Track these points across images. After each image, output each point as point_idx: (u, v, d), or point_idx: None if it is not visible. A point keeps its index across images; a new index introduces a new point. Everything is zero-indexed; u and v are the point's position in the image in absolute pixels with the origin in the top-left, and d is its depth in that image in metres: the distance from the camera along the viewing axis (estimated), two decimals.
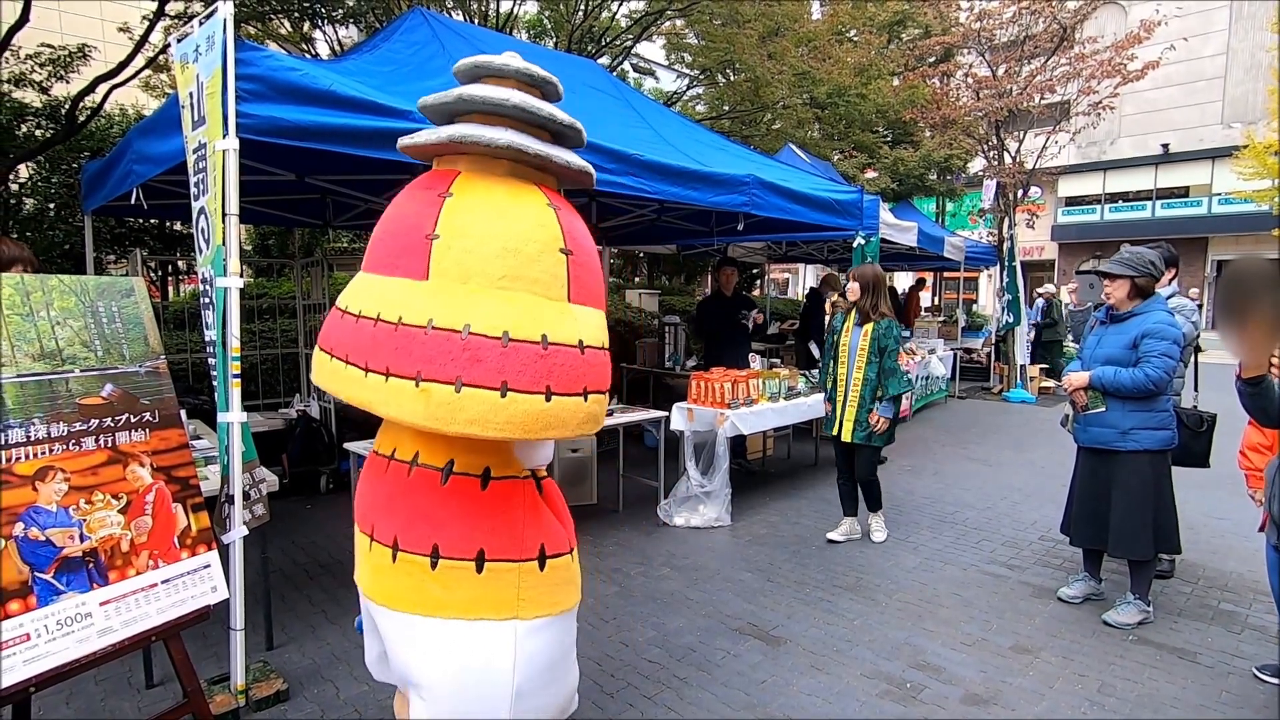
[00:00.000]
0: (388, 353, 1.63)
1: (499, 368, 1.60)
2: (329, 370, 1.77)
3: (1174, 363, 3.06)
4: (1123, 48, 10.39)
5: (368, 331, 1.68)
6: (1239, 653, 3.02)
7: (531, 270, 1.73)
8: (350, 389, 1.71)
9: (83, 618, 1.90)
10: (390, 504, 1.87)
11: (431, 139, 1.83)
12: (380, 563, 1.84)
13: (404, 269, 1.73)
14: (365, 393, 1.67)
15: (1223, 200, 21.95)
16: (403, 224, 1.80)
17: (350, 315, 1.75)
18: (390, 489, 1.88)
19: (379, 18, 8.10)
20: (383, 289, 1.74)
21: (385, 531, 1.84)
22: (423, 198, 1.82)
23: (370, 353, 1.66)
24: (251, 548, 2.68)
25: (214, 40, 2.43)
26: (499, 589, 1.81)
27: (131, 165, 3.54)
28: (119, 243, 7.58)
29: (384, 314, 1.67)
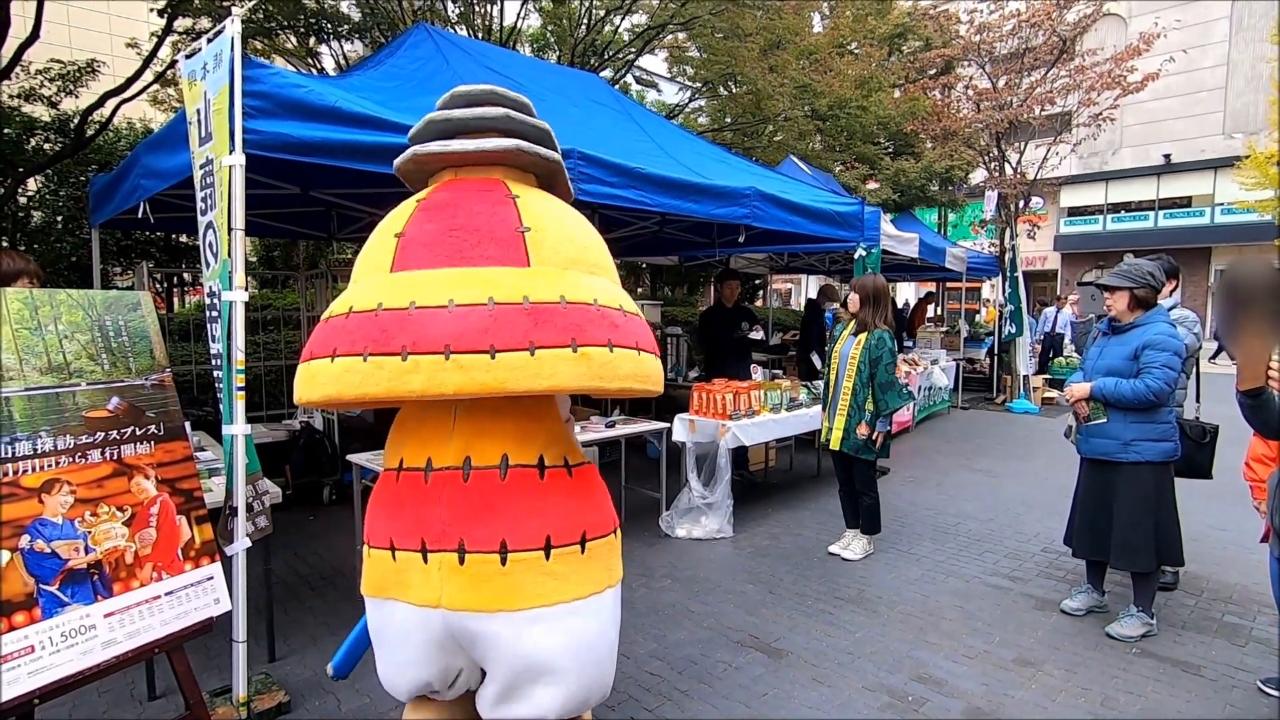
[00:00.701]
0: (525, 329, 1.68)
1: (631, 333, 1.82)
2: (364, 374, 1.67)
3: (1175, 374, 3.06)
4: (1122, 60, 10.45)
5: (481, 315, 1.68)
6: (1243, 665, 3.01)
7: (605, 260, 2.02)
8: (457, 379, 1.65)
9: (87, 630, 1.91)
10: (486, 511, 1.87)
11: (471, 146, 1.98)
12: (483, 571, 1.85)
13: (497, 259, 1.82)
14: (496, 374, 1.66)
15: (1225, 210, 21.94)
16: (479, 220, 1.88)
17: (420, 308, 1.70)
18: (477, 497, 1.88)
19: (384, 33, 8.19)
20: (479, 276, 1.76)
21: (486, 540, 1.85)
22: (488, 198, 1.95)
23: (496, 334, 1.67)
24: (254, 559, 2.69)
25: (221, 58, 2.47)
26: (599, 563, 1.98)
27: (139, 180, 3.58)
28: (126, 255, 7.65)
29: (499, 297, 1.71)
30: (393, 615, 1.95)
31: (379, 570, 1.96)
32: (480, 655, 1.92)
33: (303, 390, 1.77)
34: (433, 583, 1.87)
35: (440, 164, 2.06)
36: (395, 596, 1.93)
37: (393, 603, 1.94)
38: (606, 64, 10.78)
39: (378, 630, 2.05)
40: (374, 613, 2.05)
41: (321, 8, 7.90)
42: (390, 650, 2.02)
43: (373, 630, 2.09)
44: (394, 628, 1.96)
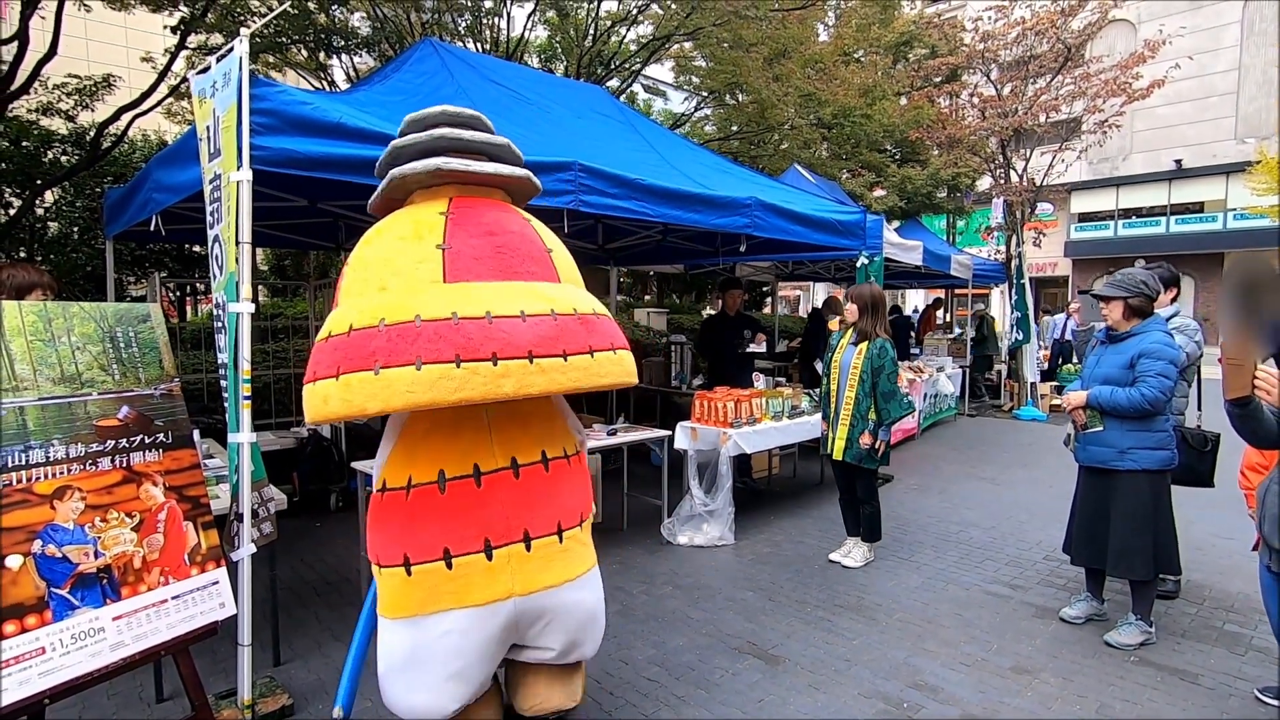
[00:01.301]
0: (584, 337, 1.98)
1: (623, 337, 2.18)
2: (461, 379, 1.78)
3: (1170, 383, 3.08)
4: (1127, 66, 10.44)
5: (548, 325, 1.92)
6: (1241, 674, 3.00)
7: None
8: (541, 381, 1.87)
9: (96, 632, 1.97)
10: (546, 500, 2.16)
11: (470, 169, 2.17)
12: (548, 551, 2.14)
13: (539, 275, 2.09)
14: (570, 374, 1.92)
15: (1238, 216, 21.77)
16: (518, 240, 2.12)
17: (498, 318, 1.86)
18: (533, 489, 2.14)
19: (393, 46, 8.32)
20: (534, 290, 2.00)
21: (545, 524, 2.14)
22: (513, 219, 2.20)
23: (565, 341, 1.93)
24: (260, 565, 2.76)
25: (230, 76, 2.55)
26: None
27: (151, 193, 3.68)
28: (139, 265, 7.79)
29: (558, 309, 1.98)
30: (443, 625, 2.01)
31: (427, 584, 2.01)
32: (542, 627, 2.18)
33: (375, 401, 1.76)
34: (501, 577, 2.05)
35: (457, 180, 2.21)
36: (450, 606, 2.01)
37: (443, 614, 2.01)
38: (613, 74, 10.89)
39: (416, 651, 2.04)
40: (410, 633, 2.04)
41: (331, 23, 8.04)
42: (437, 665, 2.03)
43: (406, 653, 2.06)
44: (441, 638, 2.01)
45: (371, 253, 2.09)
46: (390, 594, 2.08)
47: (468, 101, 4.12)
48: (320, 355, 1.88)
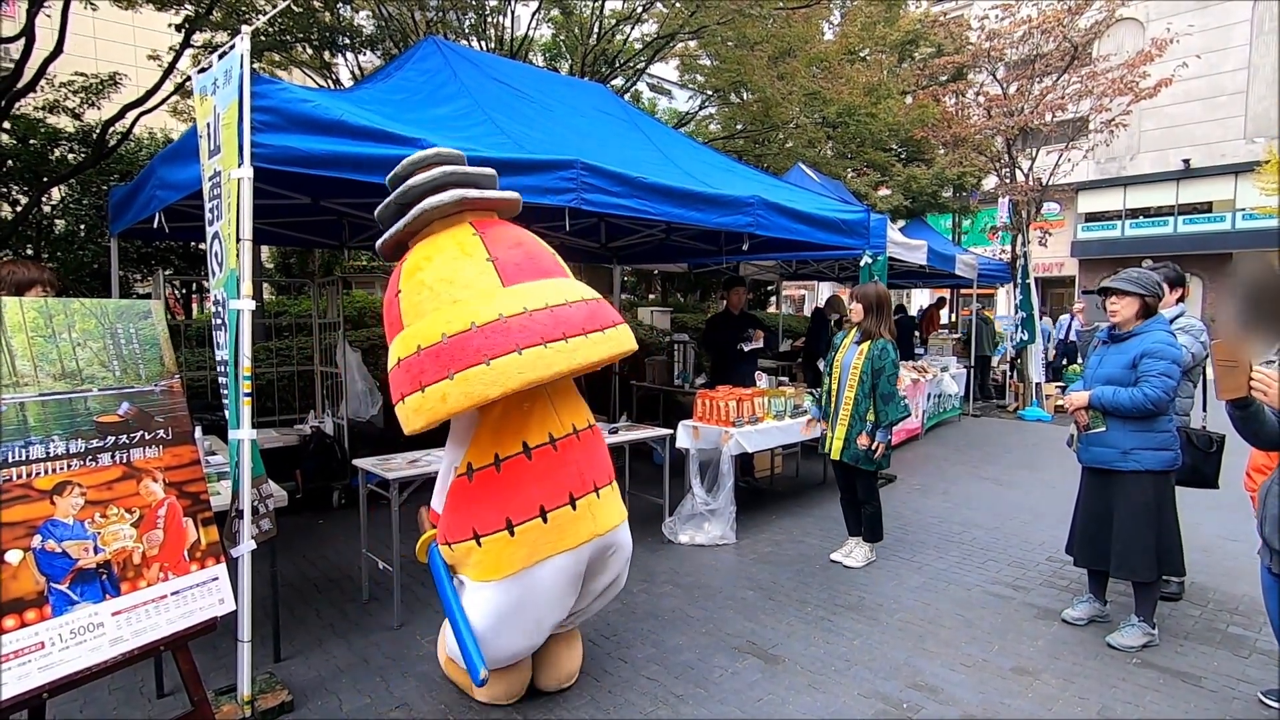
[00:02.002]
0: (604, 316, 2.51)
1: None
2: (551, 356, 2.27)
3: (1173, 383, 3.05)
4: (1135, 65, 10.37)
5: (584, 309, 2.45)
6: (1245, 677, 2.98)
7: None
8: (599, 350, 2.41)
9: (95, 627, 1.98)
10: (599, 457, 2.72)
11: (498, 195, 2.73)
12: (611, 497, 2.71)
13: (560, 273, 2.62)
14: (607, 344, 2.45)
15: (1246, 216, 21.60)
16: (538, 247, 2.66)
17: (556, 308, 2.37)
18: (589, 450, 2.66)
19: (397, 45, 8.33)
20: (564, 285, 2.52)
21: (604, 476, 2.70)
22: (519, 231, 2.69)
23: (600, 319, 2.47)
24: (261, 561, 2.76)
25: (231, 74, 2.56)
26: None
27: (155, 191, 3.69)
28: (145, 262, 7.82)
29: (585, 296, 2.54)
30: (547, 570, 2.47)
31: (529, 541, 2.44)
32: (609, 558, 2.72)
33: (495, 386, 2.19)
34: (584, 521, 2.55)
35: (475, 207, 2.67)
36: (549, 555, 2.46)
37: (544, 563, 2.46)
38: (617, 72, 10.88)
39: (524, 599, 2.48)
40: (512, 589, 2.45)
41: (336, 21, 8.05)
42: (534, 609, 2.51)
43: (507, 608, 2.47)
44: (544, 583, 2.49)
45: (430, 276, 2.43)
46: (493, 558, 2.44)
47: (470, 100, 4.13)
48: (419, 365, 2.25)
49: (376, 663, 3.08)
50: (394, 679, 2.95)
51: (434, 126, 3.48)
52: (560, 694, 2.84)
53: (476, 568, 2.48)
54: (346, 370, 5.77)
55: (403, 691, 2.86)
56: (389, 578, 3.52)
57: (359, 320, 8.15)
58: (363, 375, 5.98)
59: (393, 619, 3.44)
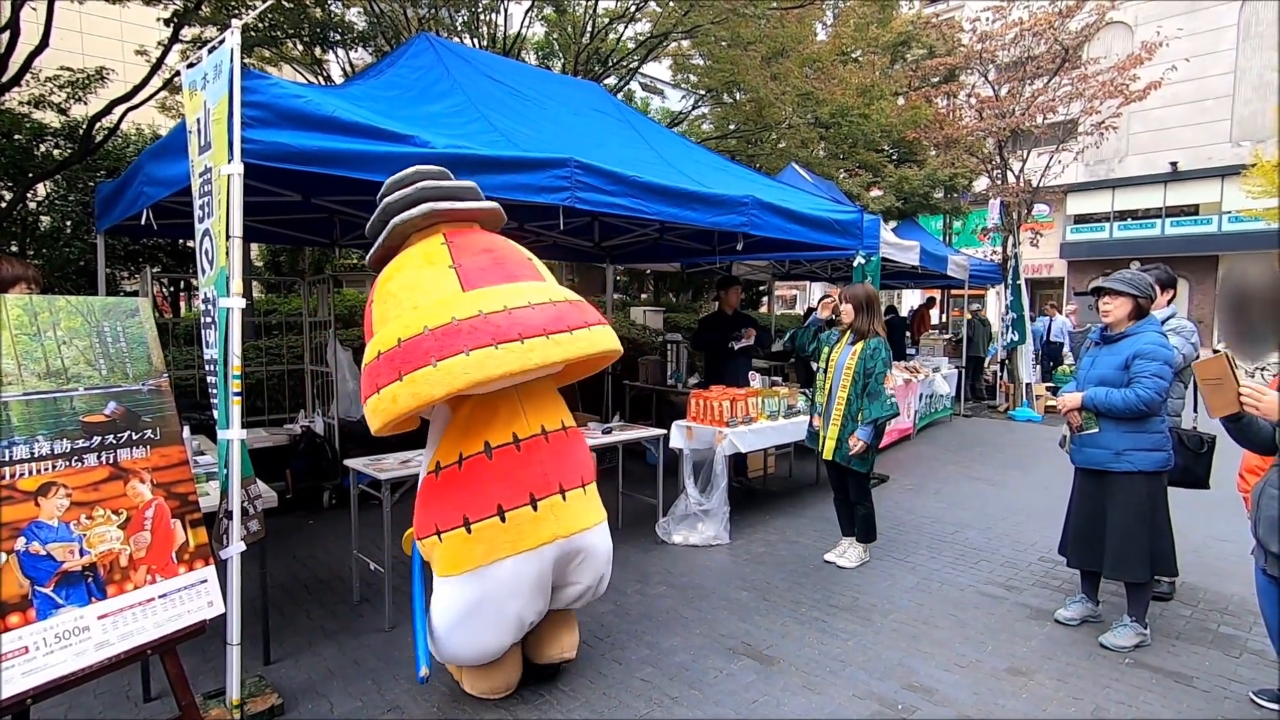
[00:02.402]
0: (578, 316, 2.55)
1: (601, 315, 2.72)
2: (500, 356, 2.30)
3: (1165, 383, 3.06)
4: (1124, 68, 10.44)
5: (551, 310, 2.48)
6: (1236, 677, 3.00)
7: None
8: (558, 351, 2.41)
9: (80, 631, 1.94)
10: (569, 459, 2.68)
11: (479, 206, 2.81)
12: (579, 499, 2.68)
13: (529, 277, 2.64)
14: (577, 344, 2.47)
15: (1233, 219, 21.83)
16: (509, 251, 2.71)
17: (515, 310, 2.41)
18: (560, 451, 2.65)
19: (389, 41, 8.27)
20: (533, 288, 2.55)
21: (574, 479, 2.67)
22: (493, 239, 2.77)
23: (569, 319, 2.50)
24: (250, 562, 2.73)
25: (221, 68, 2.52)
26: None
27: (142, 187, 3.63)
28: (133, 259, 7.73)
29: (554, 297, 2.56)
30: (502, 571, 2.49)
31: (487, 539, 2.47)
32: (579, 563, 2.71)
33: (441, 386, 2.26)
34: (546, 523, 2.54)
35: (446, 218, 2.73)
36: (507, 554, 2.48)
37: (501, 562, 2.48)
38: (610, 71, 10.85)
39: (484, 597, 2.50)
40: (475, 584, 2.49)
41: (327, 17, 7.99)
42: (499, 607, 2.52)
43: (476, 601, 2.51)
44: (504, 582, 2.50)
45: (395, 285, 2.54)
46: (452, 554, 2.49)
47: (464, 97, 4.10)
48: (376, 369, 2.35)
49: (368, 665, 3.05)
50: (386, 681, 2.92)
51: (427, 123, 3.45)
52: (553, 695, 2.82)
53: (439, 562, 2.56)
54: (337, 369, 5.73)
55: (394, 694, 2.83)
56: (380, 579, 3.48)
57: (350, 319, 8.09)
58: (354, 374, 5.93)
59: (384, 621, 3.40)
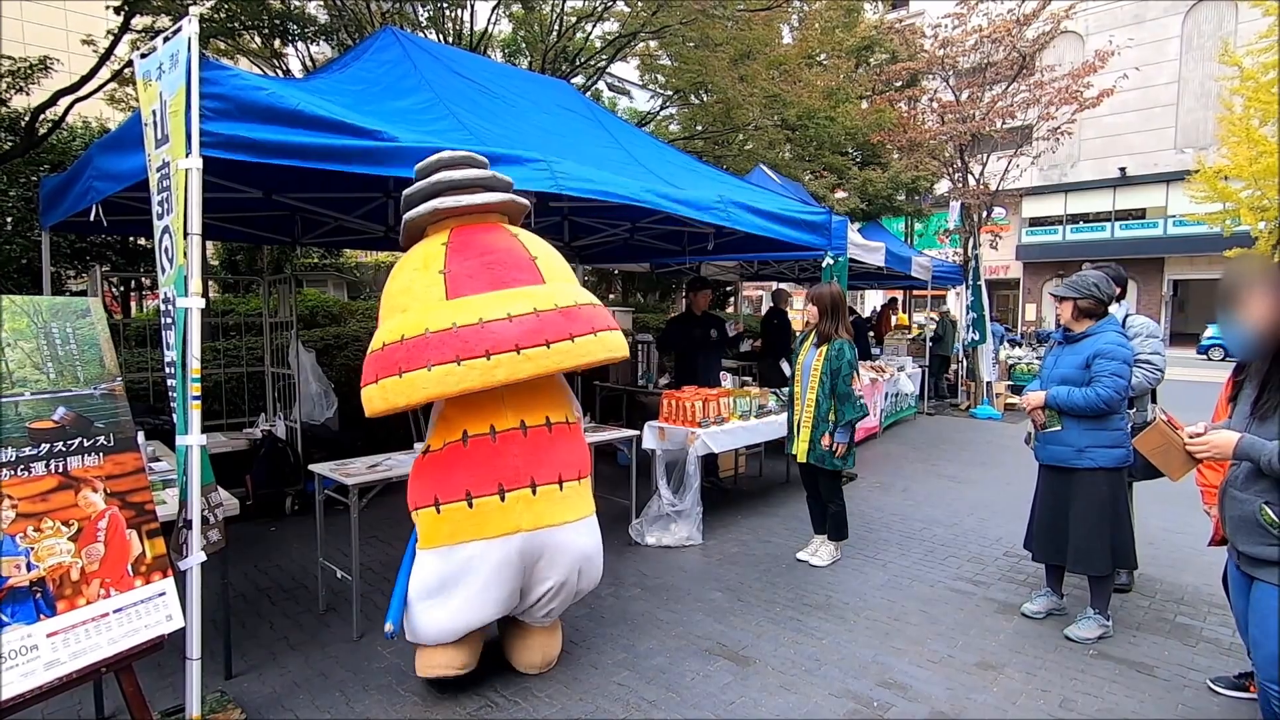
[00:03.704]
0: (565, 326, 2.51)
1: (608, 318, 2.73)
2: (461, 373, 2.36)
3: (1124, 382, 3.15)
4: (1079, 76, 10.78)
5: (532, 322, 2.46)
6: (1194, 665, 3.10)
7: (570, 268, 2.90)
8: (528, 366, 2.42)
9: (28, 650, 1.84)
10: (548, 455, 2.68)
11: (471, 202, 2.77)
12: (551, 496, 2.67)
13: (525, 280, 2.61)
14: (553, 357, 2.46)
15: (1178, 222, 22.75)
16: (506, 255, 2.66)
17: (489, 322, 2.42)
18: (538, 447, 2.66)
19: (351, 35, 8.08)
20: (521, 295, 2.53)
21: (549, 475, 2.67)
22: (501, 237, 2.73)
23: (548, 332, 2.47)
24: (211, 572, 2.62)
25: (178, 58, 2.41)
26: (590, 488, 2.94)
27: (92, 181, 3.47)
28: (80, 258, 7.41)
29: (540, 307, 2.51)
30: (465, 553, 2.56)
31: (450, 521, 2.58)
32: (548, 560, 2.69)
33: (403, 396, 2.39)
34: (511, 515, 2.58)
35: (453, 214, 2.75)
36: (470, 537, 2.56)
37: (464, 544, 2.56)
38: (578, 70, 10.78)
39: (447, 575, 2.60)
40: (442, 561, 2.60)
41: (287, 9, 7.77)
42: (462, 587, 2.59)
43: (432, 577, 2.61)
44: (466, 562, 2.57)
45: (395, 285, 2.68)
46: (424, 529, 2.63)
47: (431, 94, 4.01)
48: (367, 365, 2.54)
49: (335, 676, 2.96)
50: (354, 693, 2.83)
51: (394, 119, 3.36)
52: (529, 701, 2.77)
53: (419, 534, 2.70)
54: (300, 371, 5.56)
55: (363, 706, 2.74)
56: (347, 587, 3.38)
57: (311, 320, 7.89)
58: (317, 377, 5.77)
59: (352, 630, 3.31)
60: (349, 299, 12.65)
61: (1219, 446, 2.13)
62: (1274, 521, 1.99)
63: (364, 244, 7.07)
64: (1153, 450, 2.40)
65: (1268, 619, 2.03)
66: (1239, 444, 2.06)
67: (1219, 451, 2.14)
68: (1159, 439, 2.37)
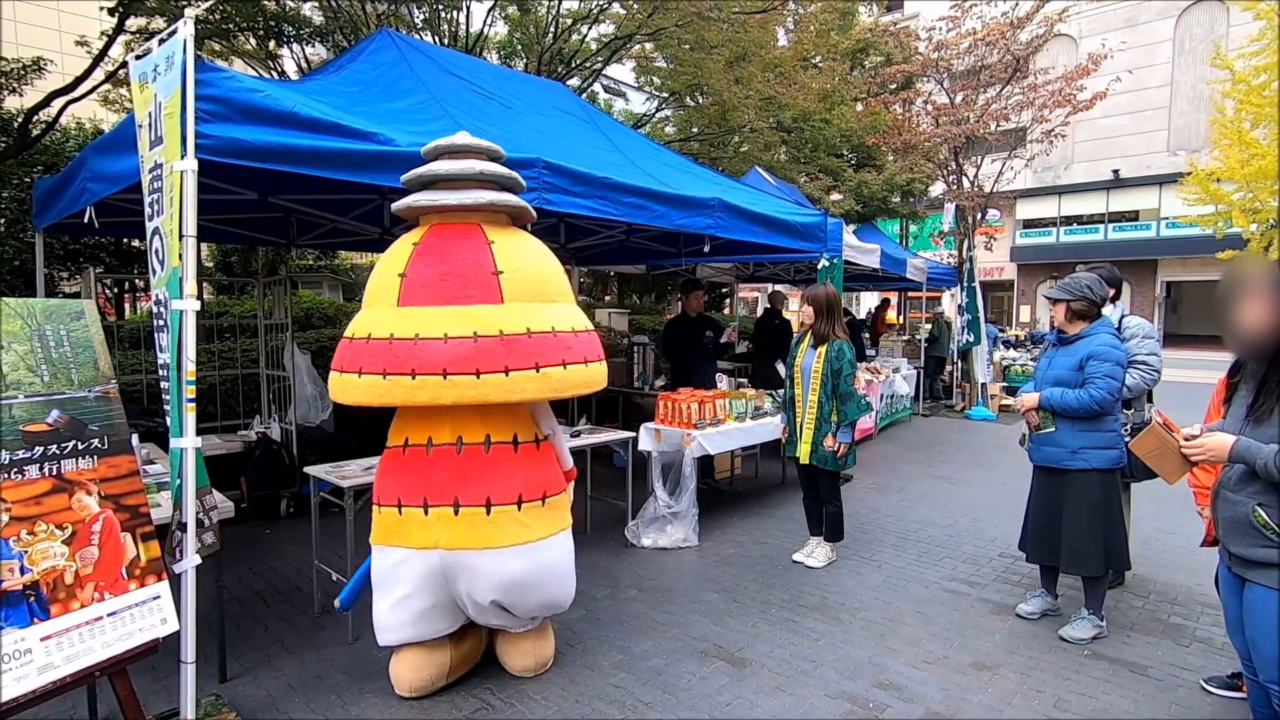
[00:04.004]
0: (501, 357, 2.37)
1: (580, 351, 2.58)
2: (386, 388, 2.35)
3: (1117, 384, 3.17)
4: (1072, 79, 10.84)
5: (467, 347, 2.35)
6: (1187, 665, 3.11)
7: (562, 287, 2.77)
8: (453, 393, 2.34)
9: (22, 654, 1.83)
10: (479, 477, 2.56)
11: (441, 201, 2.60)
12: (473, 520, 2.54)
13: (479, 298, 2.46)
14: (482, 389, 2.34)
15: (1170, 224, 22.86)
16: (464, 266, 2.49)
17: (423, 340, 2.34)
18: (469, 466, 2.55)
19: (347, 37, 8.08)
20: (465, 314, 2.40)
21: (475, 497, 2.54)
22: (469, 245, 2.54)
23: (480, 361, 2.34)
24: (206, 575, 2.61)
25: (173, 60, 2.41)
26: (556, 512, 2.76)
27: (86, 183, 3.46)
28: (74, 259, 7.38)
29: (481, 331, 2.38)
30: (394, 557, 2.57)
31: (386, 523, 2.60)
32: (466, 584, 2.58)
33: (336, 394, 2.47)
34: (431, 530, 2.53)
35: (432, 211, 2.65)
36: (398, 543, 2.56)
37: (394, 548, 2.57)
38: (573, 72, 10.79)
39: (380, 571, 2.64)
40: (379, 558, 2.65)
41: (282, 10, 7.76)
42: (389, 587, 2.62)
43: (375, 572, 2.66)
44: (393, 567, 2.58)
45: (374, 277, 2.66)
46: (373, 523, 2.70)
47: (427, 95, 4.01)
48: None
49: (331, 679, 2.95)
50: (350, 696, 2.83)
51: (390, 121, 3.35)
52: (525, 703, 2.76)
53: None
54: (295, 373, 5.55)
55: (359, 709, 2.74)
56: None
57: (306, 322, 7.86)
58: (312, 379, 5.76)
59: (348, 633, 3.30)
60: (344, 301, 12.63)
61: (1214, 449, 2.12)
62: (1267, 523, 2.00)
63: (360, 246, 7.06)
64: (1149, 453, 2.40)
65: (1264, 620, 2.03)
66: (1235, 446, 2.06)
67: (1214, 454, 2.13)
68: (1155, 442, 2.37)
